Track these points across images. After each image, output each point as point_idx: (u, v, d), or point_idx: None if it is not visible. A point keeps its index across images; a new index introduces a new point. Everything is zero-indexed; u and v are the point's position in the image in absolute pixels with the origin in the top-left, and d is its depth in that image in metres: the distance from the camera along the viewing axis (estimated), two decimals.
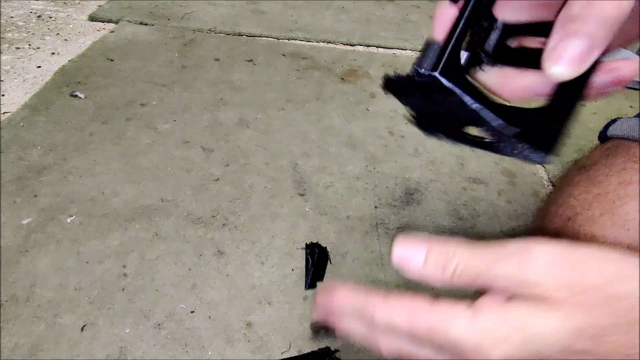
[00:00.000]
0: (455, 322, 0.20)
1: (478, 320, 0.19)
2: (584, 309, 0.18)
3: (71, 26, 1.06)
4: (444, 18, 0.21)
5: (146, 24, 1.09)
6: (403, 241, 0.22)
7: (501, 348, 0.19)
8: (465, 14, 0.20)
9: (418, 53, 0.24)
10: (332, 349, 0.48)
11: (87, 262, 0.54)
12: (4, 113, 0.76)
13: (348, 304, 0.23)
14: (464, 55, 0.21)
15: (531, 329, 0.18)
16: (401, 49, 1.15)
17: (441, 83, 0.19)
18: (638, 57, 0.21)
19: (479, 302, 0.20)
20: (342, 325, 0.23)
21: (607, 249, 0.19)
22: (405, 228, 0.64)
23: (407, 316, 0.21)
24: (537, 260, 0.19)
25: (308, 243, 0.59)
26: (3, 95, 0.80)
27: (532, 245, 0.19)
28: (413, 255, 0.22)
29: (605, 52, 0.20)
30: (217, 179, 0.68)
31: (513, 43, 0.23)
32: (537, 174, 0.78)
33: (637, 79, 1.11)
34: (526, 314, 0.19)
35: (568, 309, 0.18)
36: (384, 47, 1.15)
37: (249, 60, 0.99)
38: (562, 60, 0.19)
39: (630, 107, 1.04)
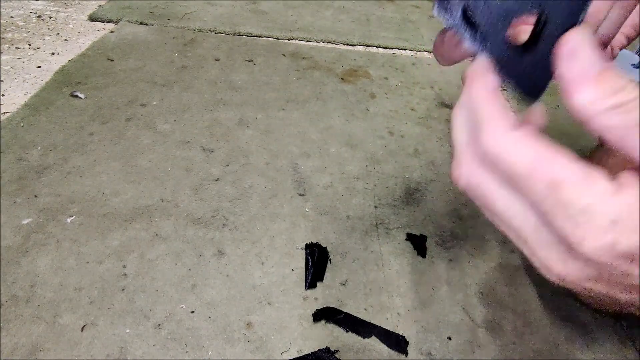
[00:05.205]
0: (591, 188, 0.17)
1: (622, 195, 0.17)
2: None
3: (71, 26, 1.06)
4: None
5: (146, 24, 1.09)
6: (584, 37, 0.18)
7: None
8: None
9: (417, 53, 0.25)
10: (332, 349, 0.48)
11: (87, 262, 0.54)
12: (4, 113, 0.76)
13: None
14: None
15: None
16: (401, 49, 1.15)
17: None
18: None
19: (623, 176, 0.17)
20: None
21: None
22: (405, 228, 0.64)
23: (532, 158, 0.18)
24: None
25: (308, 243, 0.59)
26: (3, 95, 0.80)
27: None
28: (585, 62, 0.18)
29: None
30: (217, 179, 0.68)
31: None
32: None
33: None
34: None
35: None
36: (384, 47, 1.15)
37: (249, 60, 0.99)
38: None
39: None
